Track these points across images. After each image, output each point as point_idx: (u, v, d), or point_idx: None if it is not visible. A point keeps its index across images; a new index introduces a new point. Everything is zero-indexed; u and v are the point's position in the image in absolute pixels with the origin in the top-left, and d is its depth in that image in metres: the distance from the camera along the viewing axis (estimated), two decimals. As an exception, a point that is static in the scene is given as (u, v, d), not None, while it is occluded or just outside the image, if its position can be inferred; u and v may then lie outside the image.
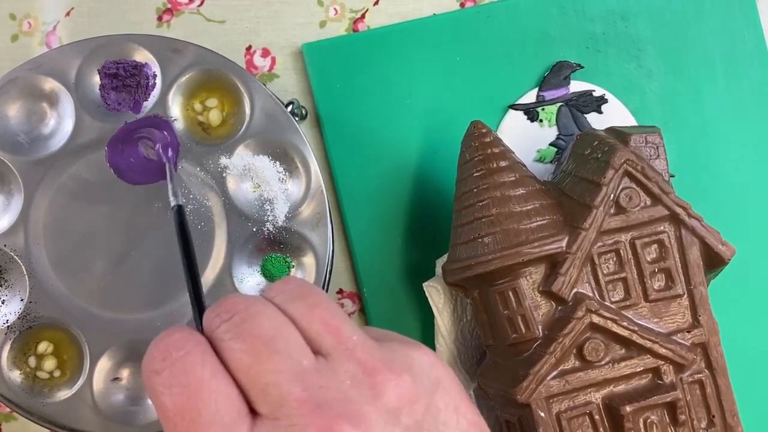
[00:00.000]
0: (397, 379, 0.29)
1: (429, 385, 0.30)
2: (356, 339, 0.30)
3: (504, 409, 0.45)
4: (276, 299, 0.31)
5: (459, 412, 0.31)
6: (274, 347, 0.28)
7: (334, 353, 0.29)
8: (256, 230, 0.47)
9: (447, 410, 0.30)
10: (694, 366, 0.43)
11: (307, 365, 0.29)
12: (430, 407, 0.30)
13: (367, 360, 0.29)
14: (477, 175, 0.44)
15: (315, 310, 0.30)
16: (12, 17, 0.54)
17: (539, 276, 0.43)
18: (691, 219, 0.43)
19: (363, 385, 0.29)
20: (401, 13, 0.55)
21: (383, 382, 0.29)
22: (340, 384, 0.29)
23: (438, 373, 0.31)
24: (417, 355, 0.31)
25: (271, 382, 0.28)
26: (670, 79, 0.54)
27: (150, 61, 0.48)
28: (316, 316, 0.30)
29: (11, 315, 0.47)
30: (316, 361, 0.29)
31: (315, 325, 0.30)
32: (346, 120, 0.54)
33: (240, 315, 0.29)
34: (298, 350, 0.29)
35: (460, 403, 0.31)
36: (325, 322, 0.30)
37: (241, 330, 0.29)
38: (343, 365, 0.29)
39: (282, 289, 0.31)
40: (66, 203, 0.47)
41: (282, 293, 0.31)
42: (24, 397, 0.46)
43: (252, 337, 0.29)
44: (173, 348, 0.29)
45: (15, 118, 0.48)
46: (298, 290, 0.31)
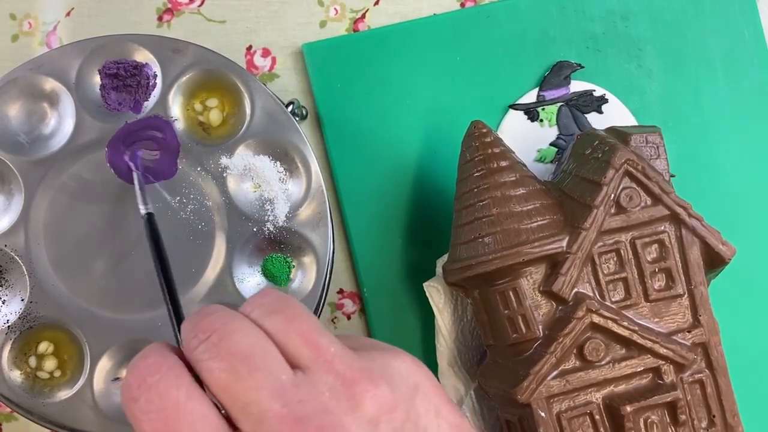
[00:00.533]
0: (375, 390, 0.29)
1: (408, 392, 0.31)
2: (334, 351, 0.30)
3: (504, 408, 0.45)
4: (252, 314, 0.31)
5: (440, 416, 0.31)
6: (253, 364, 0.29)
7: (312, 366, 0.30)
8: (256, 230, 0.47)
9: (427, 415, 0.31)
10: (695, 366, 0.43)
11: (286, 380, 0.29)
12: (410, 413, 0.30)
13: (345, 371, 0.30)
14: (477, 174, 0.44)
15: (292, 323, 0.30)
16: (12, 17, 0.54)
17: (540, 276, 0.43)
18: (691, 219, 0.43)
19: (342, 396, 0.29)
20: (401, 13, 0.55)
21: (362, 393, 0.29)
22: (319, 396, 0.29)
23: (417, 379, 0.31)
24: (396, 363, 0.31)
25: (251, 400, 0.28)
26: (670, 79, 0.54)
27: (150, 61, 0.48)
28: (294, 329, 0.30)
29: (12, 315, 0.47)
30: (294, 376, 0.29)
31: (293, 338, 0.30)
32: (346, 120, 0.54)
33: (217, 333, 0.29)
34: (277, 366, 0.29)
35: (441, 407, 0.31)
36: (302, 335, 0.30)
37: (219, 349, 0.29)
38: (321, 378, 0.29)
39: (258, 304, 0.31)
40: (66, 203, 0.47)
41: (258, 308, 0.31)
42: (24, 397, 0.46)
43: (230, 356, 0.29)
44: (147, 374, 0.29)
45: (15, 118, 0.48)
46: (275, 304, 0.31)
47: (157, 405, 0.28)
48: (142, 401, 0.29)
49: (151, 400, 0.28)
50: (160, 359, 0.30)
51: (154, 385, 0.29)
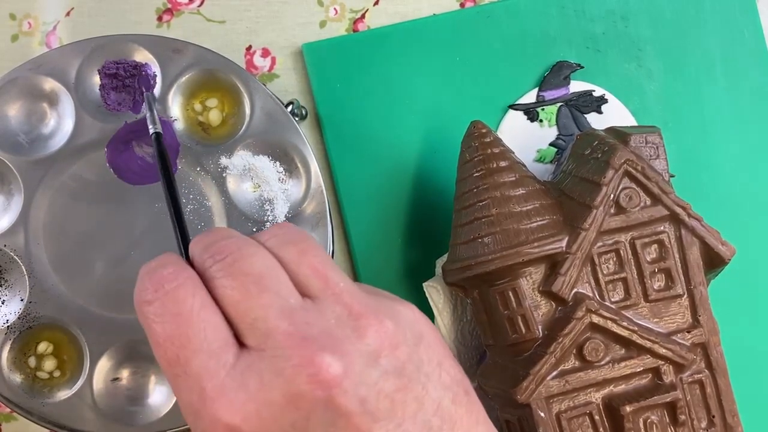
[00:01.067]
0: (378, 324, 0.30)
1: (412, 337, 0.31)
2: (343, 285, 0.31)
3: (504, 409, 0.45)
4: (268, 242, 0.32)
5: (442, 367, 0.32)
6: (264, 285, 0.30)
7: (321, 296, 0.31)
8: (256, 230, 0.47)
9: (430, 364, 0.31)
10: (694, 366, 0.43)
11: (295, 303, 0.30)
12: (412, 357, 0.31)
13: (353, 304, 0.30)
14: (477, 175, 0.44)
15: (305, 255, 0.31)
16: (12, 17, 0.54)
17: (539, 276, 0.43)
18: (691, 219, 0.43)
19: (347, 325, 0.30)
20: (401, 13, 0.55)
21: (366, 326, 0.30)
22: (326, 322, 0.30)
23: (421, 328, 0.32)
24: (402, 309, 0.32)
25: (259, 316, 0.29)
26: (670, 79, 0.54)
27: (150, 61, 0.48)
28: (306, 261, 0.31)
29: (11, 315, 0.47)
30: (303, 301, 0.30)
31: (304, 269, 0.31)
32: (346, 120, 0.54)
33: (233, 256, 0.30)
34: (287, 290, 0.30)
35: (444, 360, 0.32)
36: (313, 267, 0.31)
37: (232, 269, 0.30)
38: (329, 307, 0.30)
39: (274, 233, 0.32)
40: (66, 203, 0.47)
41: (274, 237, 0.32)
42: (24, 397, 0.46)
43: (243, 275, 0.30)
44: (165, 280, 0.30)
45: (15, 118, 0.48)
46: (290, 235, 0.32)
47: (172, 310, 0.30)
48: (156, 305, 0.30)
49: (166, 305, 0.30)
50: (179, 269, 0.31)
51: (172, 291, 0.30)
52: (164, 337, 0.30)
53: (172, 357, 0.29)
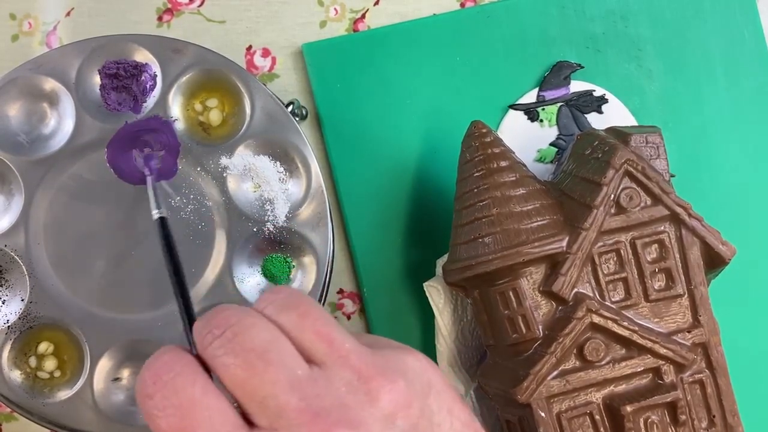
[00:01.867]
0: (391, 385, 0.29)
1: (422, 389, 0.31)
2: (349, 346, 0.30)
3: (504, 409, 0.45)
4: (266, 310, 0.31)
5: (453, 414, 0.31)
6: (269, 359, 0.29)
7: (328, 361, 0.30)
8: (256, 230, 0.47)
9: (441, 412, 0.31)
10: (695, 366, 0.43)
11: (302, 375, 0.29)
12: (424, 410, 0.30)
13: (361, 366, 0.30)
14: (477, 175, 0.44)
15: (306, 319, 0.30)
16: (12, 17, 0.54)
17: (540, 276, 0.43)
18: (691, 219, 0.43)
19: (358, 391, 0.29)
20: (401, 13, 0.55)
21: (378, 388, 0.29)
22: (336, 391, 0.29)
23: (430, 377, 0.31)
24: (409, 360, 0.31)
25: (268, 394, 0.28)
26: (670, 79, 0.54)
27: (150, 61, 0.48)
28: (308, 325, 0.30)
29: (12, 315, 0.47)
30: (310, 370, 0.29)
31: (307, 334, 0.30)
32: (346, 120, 0.54)
33: (232, 329, 0.29)
34: (293, 360, 0.29)
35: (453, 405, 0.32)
36: (317, 331, 0.30)
37: (234, 345, 0.29)
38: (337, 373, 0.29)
39: (272, 300, 0.31)
40: (66, 203, 0.47)
41: (272, 304, 0.31)
42: (24, 397, 0.46)
43: (245, 351, 0.29)
44: (163, 371, 0.29)
45: (15, 118, 0.48)
46: (288, 300, 0.31)
47: (173, 401, 0.28)
48: (157, 398, 0.29)
49: (166, 397, 0.29)
50: (175, 357, 0.30)
51: (170, 381, 0.29)
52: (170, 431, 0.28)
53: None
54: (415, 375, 0.31)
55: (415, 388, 0.30)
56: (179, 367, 0.29)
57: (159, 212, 0.43)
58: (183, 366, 0.29)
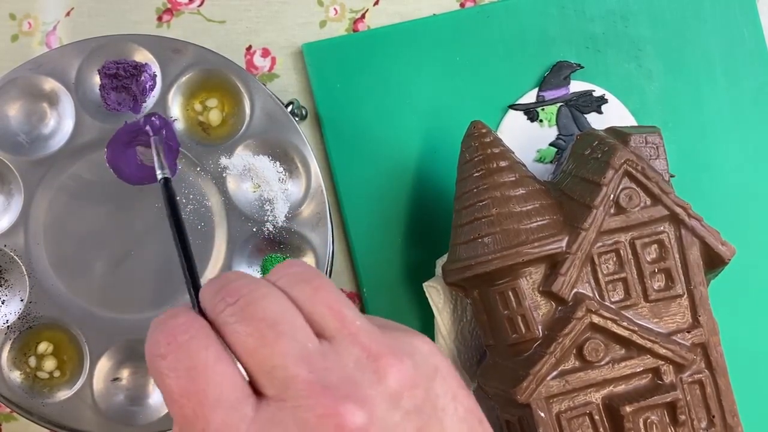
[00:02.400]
0: (399, 364, 0.29)
1: (428, 372, 0.31)
2: (359, 324, 0.30)
3: (504, 409, 0.45)
4: (279, 282, 0.31)
5: (457, 400, 0.31)
6: (280, 330, 0.29)
7: (338, 337, 0.30)
8: (256, 230, 0.47)
9: (445, 397, 0.31)
10: (694, 366, 0.43)
11: (312, 348, 0.29)
12: (429, 393, 0.30)
13: (371, 344, 0.30)
14: (477, 175, 0.44)
15: (319, 293, 0.30)
16: (12, 17, 0.54)
17: (539, 276, 0.43)
18: (691, 219, 0.43)
19: (366, 368, 0.29)
20: (401, 13, 0.55)
21: (386, 367, 0.29)
22: (345, 367, 0.29)
23: (436, 361, 0.31)
24: (418, 343, 0.31)
25: (277, 364, 0.28)
26: (670, 79, 0.54)
27: (150, 61, 0.48)
28: (320, 299, 0.30)
29: (11, 315, 0.47)
30: (320, 345, 0.29)
31: (319, 308, 0.30)
32: (346, 120, 0.54)
33: (245, 299, 0.29)
34: (303, 333, 0.29)
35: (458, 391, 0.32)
36: (329, 305, 0.30)
37: (246, 313, 0.29)
38: (346, 349, 0.29)
39: (285, 272, 0.31)
40: (66, 203, 0.47)
41: (285, 276, 0.31)
42: (24, 397, 0.46)
43: (257, 320, 0.29)
44: (178, 332, 0.29)
45: (15, 118, 0.48)
46: (302, 274, 0.31)
47: (186, 363, 0.28)
48: (170, 358, 0.29)
49: (180, 359, 0.29)
50: (191, 320, 0.30)
51: (185, 344, 0.29)
52: (180, 392, 0.28)
53: (188, 414, 0.28)
54: (423, 358, 0.31)
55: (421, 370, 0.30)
56: (194, 330, 0.29)
57: (162, 173, 0.43)
58: (198, 329, 0.29)
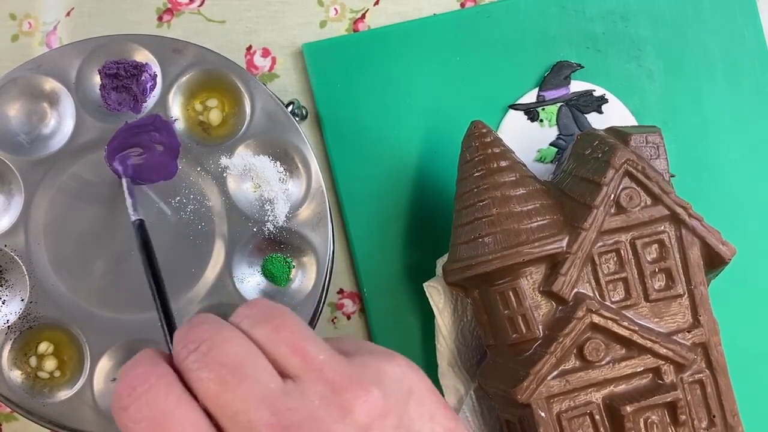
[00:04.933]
0: (366, 395, 0.29)
1: (401, 397, 0.30)
2: (323, 358, 0.30)
3: (504, 408, 0.45)
4: (242, 324, 0.31)
5: (434, 421, 0.31)
6: (242, 374, 0.29)
7: (302, 375, 0.29)
8: (256, 230, 0.47)
9: (421, 420, 0.30)
10: (695, 366, 0.43)
11: (275, 389, 0.29)
12: (403, 418, 0.30)
13: (335, 378, 0.29)
14: (477, 175, 0.44)
15: (280, 333, 0.30)
16: (12, 17, 0.54)
17: (540, 276, 0.43)
18: (691, 219, 0.43)
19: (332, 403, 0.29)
20: (401, 13, 0.55)
21: (352, 399, 0.29)
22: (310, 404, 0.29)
23: (411, 383, 0.31)
24: (388, 368, 0.31)
25: (239, 409, 0.28)
26: (670, 79, 0.54)
27: (150, 61, 0.48)
28: (282, 339, 0.30)
29: (11, 315, 0.47)
30: (284, 384, 0.29)
31: (281, 348, 0.30)
32: (346, 120, 0.54)
33: (206, 344, 0.29)
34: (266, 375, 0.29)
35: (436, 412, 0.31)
36: (290, 344, 0.30)
37: (208, 359, 0.29)
38: (311, 386, 0.29)
39: (247, 314, 0.31)
40: (66, 203, 0.47)
41: (247, 318, 0.31)
42: (24, 397, 0.46)
43: (219, 366, 0.29)
44: (137, 383, 0.29)
45: (15, 118, 0.48)
46: (263, 314, 0.31)
47: (147, 414, 0.28)
48: (131, 410, 0.28)
49: (140, 409, 0.28)
50: (150, 368, 0.29)
51: (144, 393, 0.29)
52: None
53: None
54: (395, 383, 0.30)
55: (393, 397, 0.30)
56: (154, 378, 0.29)
57: (136, 215, 0.42)
58: (157, 378, 0.29)
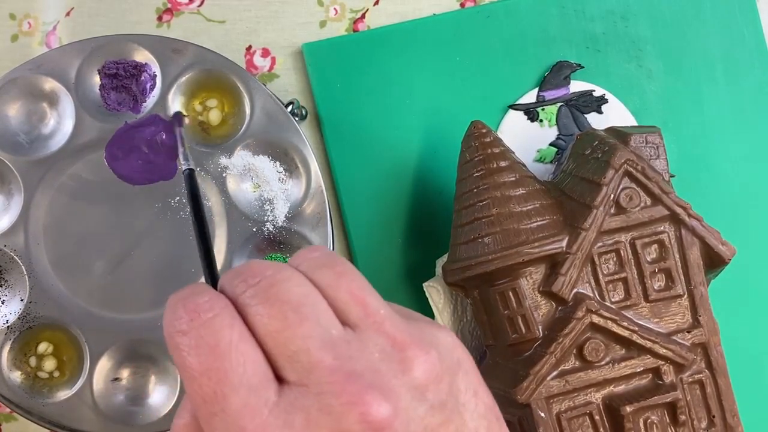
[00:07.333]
0: (425, 356, 0.29)
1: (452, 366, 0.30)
2: (384, 313, 0.29)
3: (504, 409, 0.45)
4: (302, 266, 0.30)
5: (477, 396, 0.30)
6: (303, 313, 0.28)
7: (362, 325, 0.29)
8: (256, 230, 0.47)
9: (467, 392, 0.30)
10: (694, 366, 0.43)
11: (336, 334, 0.28)
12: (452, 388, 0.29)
13: (396, 334, 0.29)
14: (477, 175, 0.44)
15: (342, 279, 0.29)
16: (12, 17, 0.54)
17: (539, 276, 0.43)
18: (691, 219, 0.43)
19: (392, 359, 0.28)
20: (401, 13, 0.55)
21: (412, 358, 0.28)
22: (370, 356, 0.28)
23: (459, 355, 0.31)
24: (441, 335, 0.31)
25: (300, 348, 0.27)
26: (670, 79, 0.54)
27: (150, 61, 0.48)
28: (344, 285, 0.29)
29: (11, 315, 0.47)
30: (344, 332, 0.28)
31: (342, 294, 0.29)
32: (346, 120, 0.54)
33: (267, 280, 0.29)
34: (327, 318, 0.28)
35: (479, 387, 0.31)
36: (352, 292, 0.29)
37: (269, 295, 0.28)
38: (371, 338, 0.29)
39: (307, 257, 0.30)
40: (66, 203, 0.47)
41: (308, 261, 0.30)
42: (24, 397, 0.46)
43: (280, 302, 0.28)
44: (201, 309, 0.28)
45: (15, 118, 0.48)
46: (325, 259, 0.30)
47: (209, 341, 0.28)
48: (192, 335, 0.28)
49: (202, 336, 0.28)
50: (215, 297, 0.29)
51: (209, 321, 0.28)
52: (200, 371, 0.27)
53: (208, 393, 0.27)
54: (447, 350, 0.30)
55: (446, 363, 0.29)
56: (219, 308, 0.28)
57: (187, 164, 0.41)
58: (223, 308, 0.28)
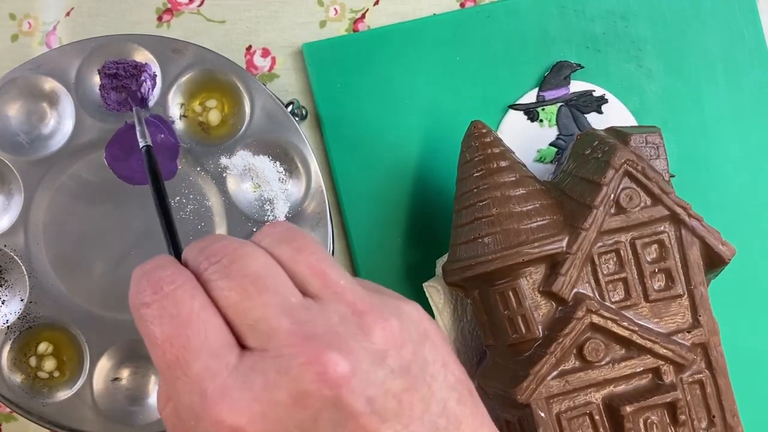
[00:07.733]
0: (384, 323, 0.29)
1: (417, 336, 0.30)
2: (344, 283, 0.30)
3: (504, 409, 0.45)
4: (263, 242, 0.31)
5: (447, 368, 0.31)
6: (263, 284, 0.29)
7: (322, 295, 0.30)
8: (256, 230, 0.47)
9: (435, 364, 0.31)
10: (694, 366, 0.43)
11: (295, 302, 0.29)
12: (417, 357, 0.30)
13: (355, 302, 0.30)
14: (477, 175, 0.44)
15: (301, 253, 0.31)
16: (12, 17, 0.54)
17: (539, 276, 0.43)
18: (691, 219, 0.43)
19: (351, 323, 0.29)
20: (401, 13, 0.55)
21: (371, 323, 0.29)
22: (329, 320, 0.29)
23: (426, 327, 0.31)
24: (406, 307, 0.31)
25: (260, 317, 0.29)
26: (670, 79, 0.54)
27: (150, 61, 0.48)
28: (302, 259, 0.30)
29: (11, 315, 0.47)
30: (304, 300, 0.30)
31: (301, 267, 0.30)
32: (346, 120, 0.54)
33: (228, 257, 0.30)
34: (286, 288, 0.29)
35: (449, 359, 0.31)
36: (311, 265, 0.30)
37: (230, 270, 0.29)
38: (331, 306, 0.30)
39: (269, 233, 0.32)
40: (66, 203, 0.47)
41: (269, 236, 0.31)
42: (24, 397, 0.46)
43: (240, 277, 0.29)
44: (164, 282, 0.29)
45: (15, 118, 0.48)
46: (284, 234, 0.31)
47: (171, 312, 0.29)
48: (155, 307, 0.29)
49: (165, 307, 0.29)
50: (177, 270, 0.30)
51: (171, 293, 0.29)
52: (163, 338, 0.29)
53: (171, 359, 0.29)
54: (411, 322, 0.31)
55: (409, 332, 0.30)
56: (181, 280, 0.29)
57: (144, 141, 0.43)
58: (185, 280, 0.29)
